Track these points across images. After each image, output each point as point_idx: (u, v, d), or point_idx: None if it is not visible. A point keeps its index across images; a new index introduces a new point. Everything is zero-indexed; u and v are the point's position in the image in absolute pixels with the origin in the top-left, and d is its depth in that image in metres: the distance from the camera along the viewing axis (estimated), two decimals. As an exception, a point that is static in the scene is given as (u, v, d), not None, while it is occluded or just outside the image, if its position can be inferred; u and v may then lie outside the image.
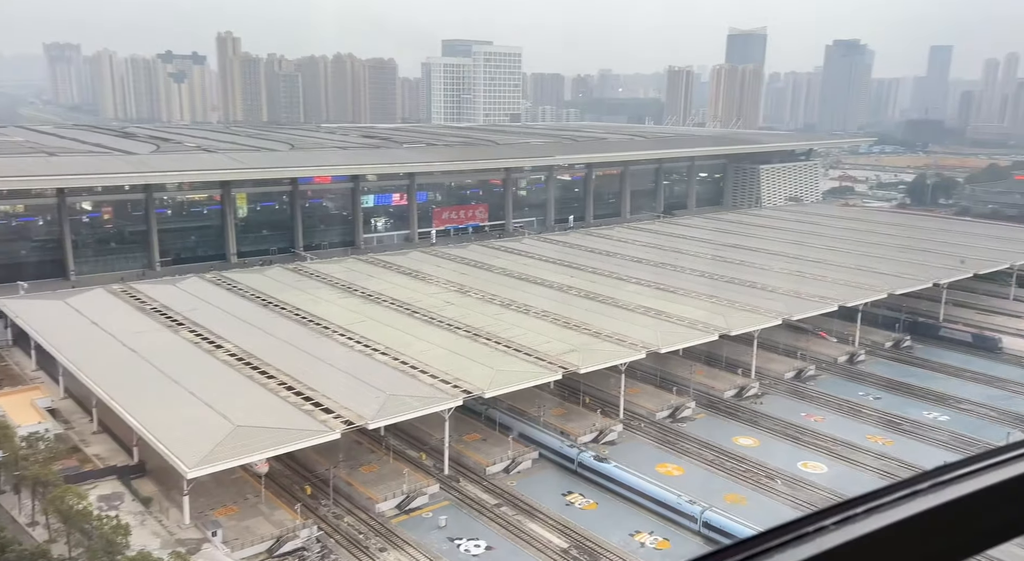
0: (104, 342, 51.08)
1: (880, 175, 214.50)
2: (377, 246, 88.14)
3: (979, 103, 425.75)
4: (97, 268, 72.24)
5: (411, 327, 54.93)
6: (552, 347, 50.80)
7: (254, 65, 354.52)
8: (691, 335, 55.00)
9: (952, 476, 1.84)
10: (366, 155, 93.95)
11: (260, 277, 68.20)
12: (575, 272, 71.66)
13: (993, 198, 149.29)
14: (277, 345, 50.68)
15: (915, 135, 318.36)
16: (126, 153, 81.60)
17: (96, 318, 55.40)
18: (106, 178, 71.65)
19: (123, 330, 52.62)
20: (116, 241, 75.40)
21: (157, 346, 50.07)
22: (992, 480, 1.83)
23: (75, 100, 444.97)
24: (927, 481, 1.82)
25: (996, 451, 1.94)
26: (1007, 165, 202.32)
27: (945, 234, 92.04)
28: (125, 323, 54.71)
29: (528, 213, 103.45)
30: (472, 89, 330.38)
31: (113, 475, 42.19)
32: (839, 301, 63.15)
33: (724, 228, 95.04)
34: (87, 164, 73.61)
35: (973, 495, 1.81)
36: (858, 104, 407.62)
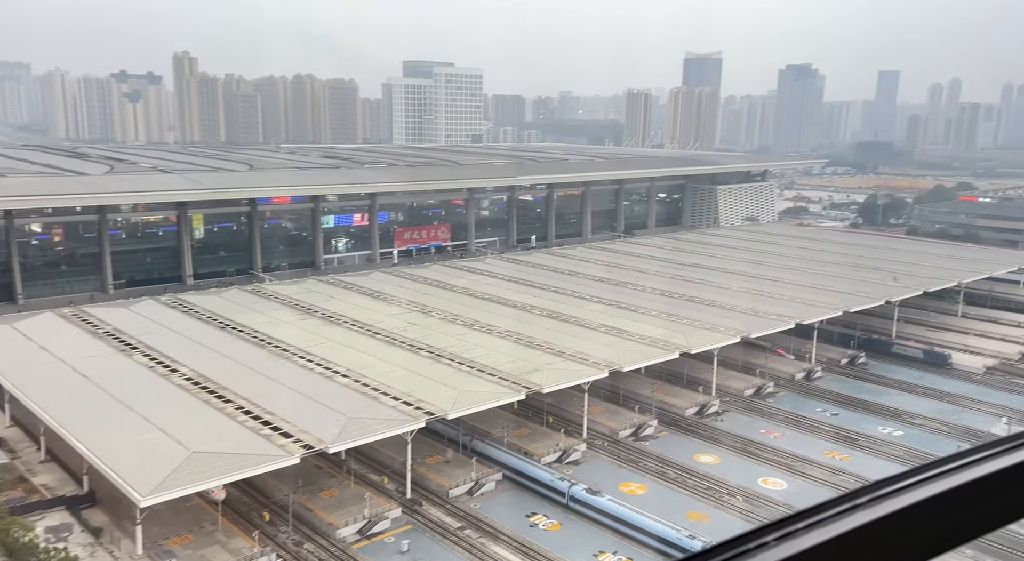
0: (53, 367, 49.49)
1: (833, 195, 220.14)
2: (338, 267, 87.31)
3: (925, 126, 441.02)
4: (47, 292, 70.17)
5: (372, 348, 54.36)
6: (515, 367, 50.71)
7: (212, 85, 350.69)
8: (652, 353, 55.42)
9: (891, 490, 1.86)
10: (326, 175, 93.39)
11: (217, 299, 66.95)
12: (538, 291, 71.84)
13: (940, 218, 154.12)
14: (235, 368, 49.67)
15: (866, 157, 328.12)
16: (78, 174, 79.82)
17: (45, 343, 53.69)
18: (56, 199, 69.81)
19: (73, 355, 51.08)
20: (67, 264, 73.41)
21: (109, 371, 48.68)
22: (928, 493, 1.85)
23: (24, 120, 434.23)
24: (866, 495, 1.84)
25: (933, 464, 1.98)
26: (952, 186, 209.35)
27: (896, 253, 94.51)
28: (75, 348, 53.12)
29: (491, 233, 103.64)
30: (433, 110, 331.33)
31: (62, 505, 40.74)
32: (796, 319, 64.32)
33: (683, 247, 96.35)
34: (36, 185, 71.75)
35: (910, 507, 1.82)
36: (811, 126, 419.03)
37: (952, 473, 1.92)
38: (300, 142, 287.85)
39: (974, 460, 1.98)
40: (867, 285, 75.73)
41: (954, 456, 2.03)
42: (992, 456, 2.01)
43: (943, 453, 2.20)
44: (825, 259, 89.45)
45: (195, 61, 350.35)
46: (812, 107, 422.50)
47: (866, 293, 72.51)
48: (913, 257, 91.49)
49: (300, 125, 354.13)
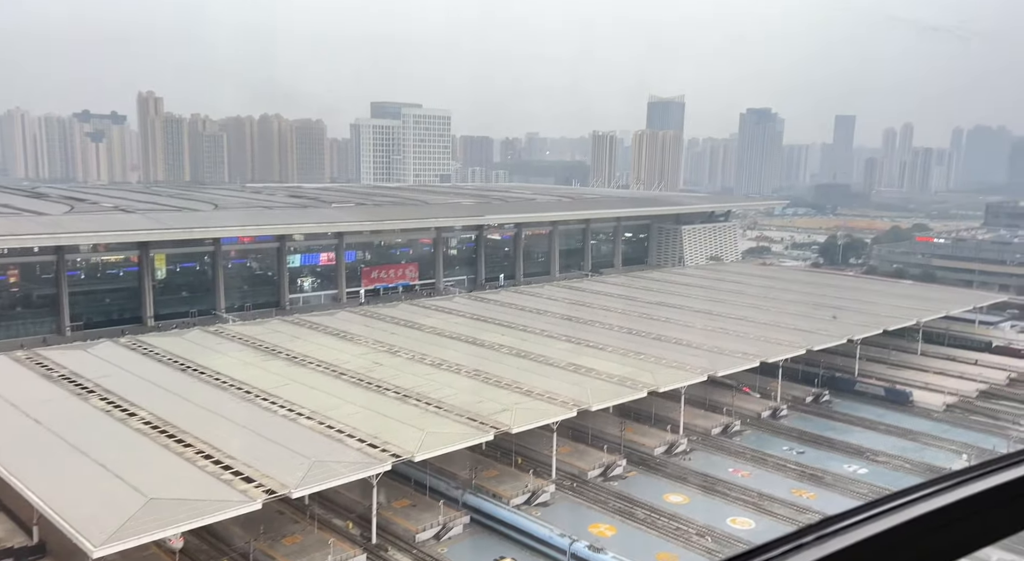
0: (3, 412, 47.79)
1: (794, 236, 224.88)
2: (303, 307, 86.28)
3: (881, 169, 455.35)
4: (1, 334, 68.13)
5: (338, 389, 53.54)
6: (484, 407, 50.28)
7: (177, 125, 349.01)
8: (621, 392, 55.43)
9: (837, 527, 1.89)
10: (293, 214, 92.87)
11: (178, 340, 65.60)
12: (506, 330, 71.70)
13: (897, 258, 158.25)
14: (195, 412, 48.46)
15: (825, 198, 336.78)
16: (36, 214, 78.29)
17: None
18: (13, 239, 68.21)
19: (26, 399, 49.41)
20: (22, 305, 71.49)
21: (63, 416, 47.13)
22: (875, 529, 1.89)
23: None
24: (812, 534, 1.87)
25: (881, 500, 2.01)
26: (908, 227, 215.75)
27: (856, 292, 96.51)
28: (28, 392, 51.43)
29: (459, 272, 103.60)
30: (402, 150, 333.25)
31: (9, 558, 38.98)
32: (761, 357, 65.00)
33: (650, 286, 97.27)
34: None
35: (857, 545, 1.88)
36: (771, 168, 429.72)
37: (900, 509, 1.95)
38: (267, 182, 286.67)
39: (924, 495, 2.02)
40: (829, 323, 77.00)
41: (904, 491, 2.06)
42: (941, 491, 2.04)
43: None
44: (788, 298, 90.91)
45: (160, 101, 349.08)
46: (773, 150, 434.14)
47: (828, 331, 73.69)
48: (873, 296, 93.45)
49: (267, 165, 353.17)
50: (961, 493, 2.05)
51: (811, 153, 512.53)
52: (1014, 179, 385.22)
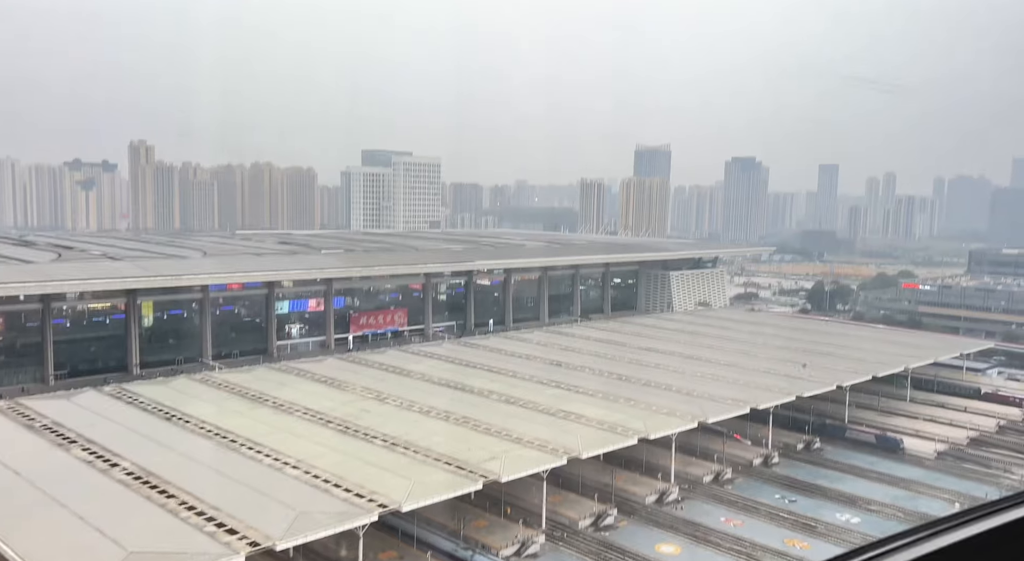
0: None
1: (782, 282, 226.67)
2: (291, 354, 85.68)
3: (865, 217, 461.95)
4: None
5: (325, 438, 52.82)
6: (472, 455, 49.66)
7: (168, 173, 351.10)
8: (611, 439, 54.95)
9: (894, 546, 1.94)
10: (281, 261, 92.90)
11: (164, 389, 64.80)
12: (495, 376, 71.29)
13: (884, 304, 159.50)
14: (179, 461, 47.61)
15: (811, 245, 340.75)
16: (23, 262, 77.95)
17: (-24, 437, 50.92)
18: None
19: (6, 451, 48.42)
20: (6, 354, 70.57)
21: (44, 467, 46.18)
22: (932, 548, 1.94)
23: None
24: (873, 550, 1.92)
25: (875, 544, 2.05)
26: (894, 274, 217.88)
27: (844, 338, 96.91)
28: (9, 443, 50.49)
29: (448, 317, 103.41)
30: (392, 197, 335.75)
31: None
32: (751, 404, 64.79)
33: (639, 332, 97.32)
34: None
35: None
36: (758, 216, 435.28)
37: (895, 552, 1.99)
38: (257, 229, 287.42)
39: (916, 539, 2.05)
40: (818, 370, 77.05)
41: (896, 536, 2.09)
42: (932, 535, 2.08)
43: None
44: (777, 344, 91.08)
45: (152, 149, 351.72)
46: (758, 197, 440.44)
47: (818, 378, 73.68)
48: (861, 342, 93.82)
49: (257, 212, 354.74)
50: (948, 539, 2.09)
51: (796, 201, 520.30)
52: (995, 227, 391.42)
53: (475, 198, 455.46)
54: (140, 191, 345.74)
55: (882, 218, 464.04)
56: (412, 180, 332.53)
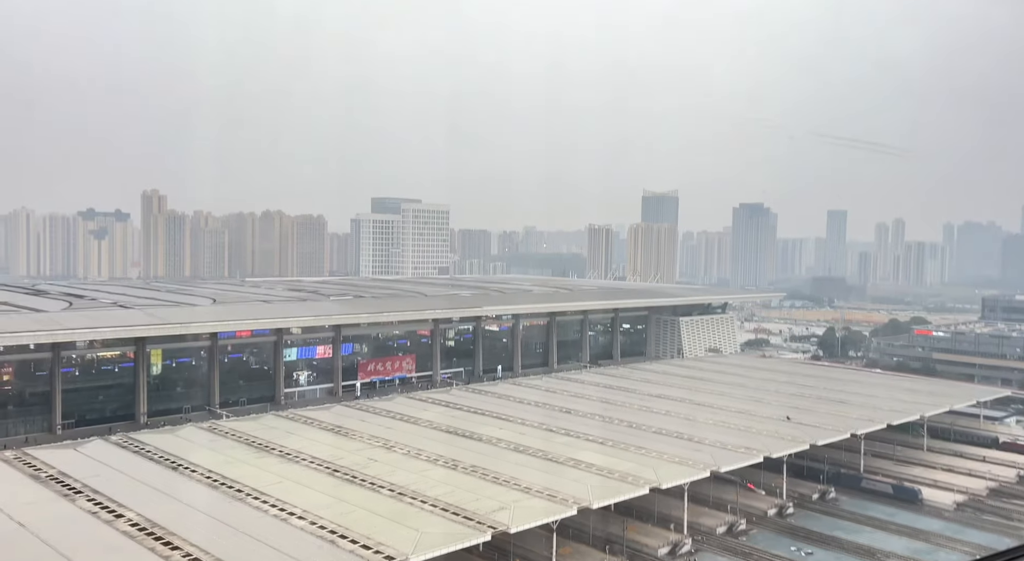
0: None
1: (792, 328, 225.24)
2: (299, 401, 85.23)
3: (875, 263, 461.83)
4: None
5: (331, 487, 52.11)
6: (481, 505, 48.82)
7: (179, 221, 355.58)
8: (622, 489, 53.97)
9: None
10: (290, 308, 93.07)
11: (171, 438, 64.37)
12: (504, 423, 70.55)
13: (897, 351, 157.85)
14: (184, 512, 46.99)
15: (821, 291, 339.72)
16: (35, 311, 78.42)
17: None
18: (9, 337, 68.01)
19: (11, 502, 47.94)
20: (15, 404, 70.46)
21: (48, 518, 45.62)
22: None
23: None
24: None
25: None
26: (906, 320, 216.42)
27: (858, 385, 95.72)
28: (15, 493, 50.00)
29: (456, 363, 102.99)
30: (401, 244, 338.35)
31: None
32: (764, 452, 63.71)
33: (649, 378, 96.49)
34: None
35: None
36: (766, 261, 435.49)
37: None
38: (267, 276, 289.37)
39: None
40: (832, 417, 75.95)
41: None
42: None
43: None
44: (789, 391, 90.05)
45: (164, 198, 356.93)
46: (767, 243, 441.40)
47: (831, 426, 72.55)
48: (874, 389, 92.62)
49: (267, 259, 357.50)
50: None
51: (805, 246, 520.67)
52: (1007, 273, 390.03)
53: (483, 244, 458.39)
54: (152, 239, 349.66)
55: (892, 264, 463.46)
56: (421, 227, 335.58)
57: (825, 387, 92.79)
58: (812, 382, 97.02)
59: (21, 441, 64.81)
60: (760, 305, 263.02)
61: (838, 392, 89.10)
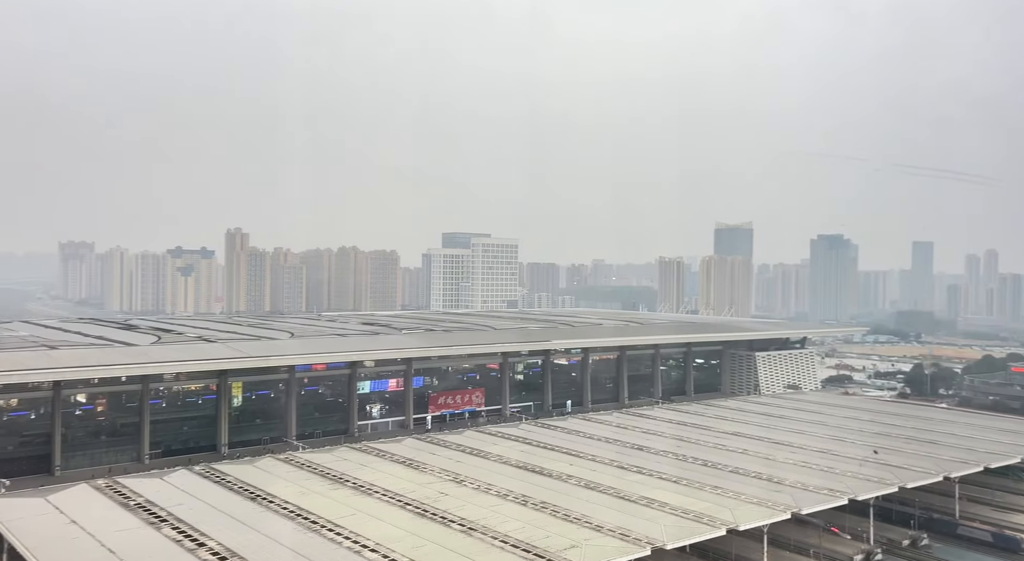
0: (81, 541, 48.40)
1: (877, 364, 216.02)
2: (371, 433, 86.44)
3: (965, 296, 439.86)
4: (84, 462, 70.17)
5: (402, 520, 52.39)
6: (551, 542, 48.15)
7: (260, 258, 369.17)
8: (698, 529, 52.34)
9: None
10: (364, 341, 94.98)
11: (250, 469, 66.14)
12: (574, 459, 69.71)
13: (993, 389, 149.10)
14: (262, 542, 48.03)
15: (907, 325, 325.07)
16: (126, 345, 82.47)
17: (75, 516, 52.89)
18: (103, 370, 71.64)
19: (102, 529, 50.07)
20: (107, 433, 73.91)
21: (136, 545, 47.39)
22: None
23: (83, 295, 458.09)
24: None
25: None
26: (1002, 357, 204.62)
27: (950, 425, 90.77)
28: (106, 521, 52.16)
29: (525, 397, 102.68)
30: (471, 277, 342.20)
31: None
32: (849, 494, 60.82)
33: (724, 415, 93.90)
34: (86, 356, 74.00)
35: None
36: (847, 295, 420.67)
37: None
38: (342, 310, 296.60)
39: None
40: (922, 459, 72.10)
41: None
42: None
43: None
44: (874, 430, 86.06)
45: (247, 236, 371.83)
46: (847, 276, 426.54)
47: (922, 467, 68.83)
48: (969, 430, 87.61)
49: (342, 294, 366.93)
50: None
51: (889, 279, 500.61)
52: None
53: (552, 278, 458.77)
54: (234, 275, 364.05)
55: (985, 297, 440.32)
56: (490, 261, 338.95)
57: (914, 427, 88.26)
58: (899, 421, 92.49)
59: (111, 470, 67.68)
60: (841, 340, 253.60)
61: (928, 432, 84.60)
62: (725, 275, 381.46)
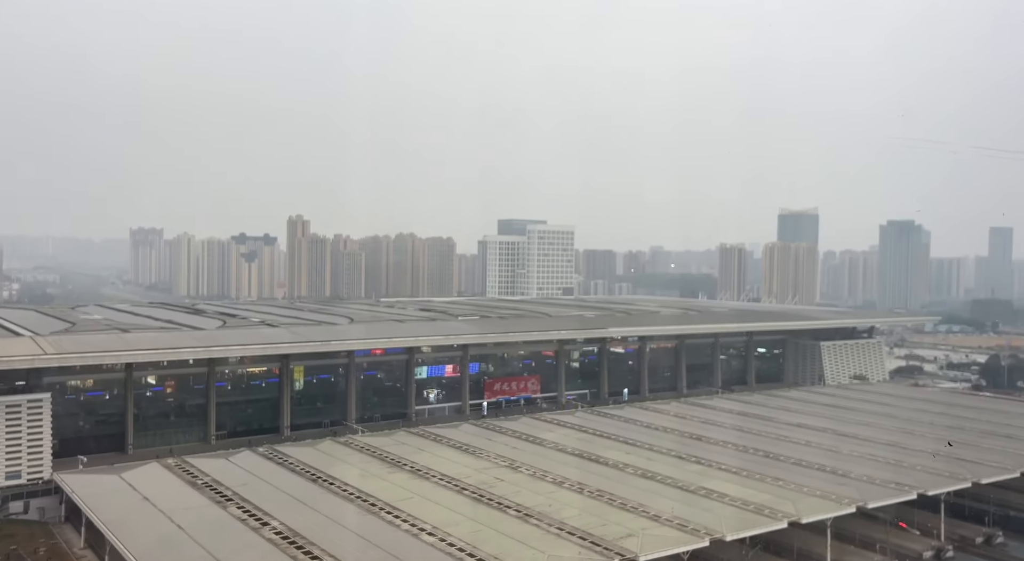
0: (153, 517, 50.36)
1: (949, 355, 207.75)
2: (428, 418, 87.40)
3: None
4: (155, 441, 73.04)
5: (459, 505, 52.81)
6: (608, 530, 47.82)
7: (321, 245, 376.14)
8: (758, 521, 51.23)
9: None
10: (421, 327, 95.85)
11: (311, 451, 67.63)
12: (631, 448, 69.08)
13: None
14: (323, 523, 49.08)
15: (983, 315, 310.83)
16: (194, 328, 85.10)
17: (147, 493, 55.04)
18: (172, 353, 74.10)
19: (172, 506, 51.98)
20: (176, 414, 76.64)
21: (204, 523, 49.04)
22: None
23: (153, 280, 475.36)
24: None
25: None
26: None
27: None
28: (175, 498, 54.16)
29: (581, 385, 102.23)
30: (526, 264, 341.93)
31: None
32: (918, 488, 58.64)
33: (787, 406, 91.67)
34: (156, 339, 76.69)
35: None
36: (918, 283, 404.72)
37: None
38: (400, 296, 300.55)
39: None
40: (998, 454, 69.02)
41: None
42: None
43: None
44: (946, 423, 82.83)
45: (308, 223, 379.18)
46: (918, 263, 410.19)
47: (997, 463, 65.90)
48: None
49: (400, 280, 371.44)
50: None
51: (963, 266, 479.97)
52: None
53: (609, 265, 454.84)
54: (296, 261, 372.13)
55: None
56: (546, 248, 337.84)
57: (989, 420, 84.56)
58: (973, 414, 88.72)
59: (181, 449, 70.16)
60: (911, 330, 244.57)
61: (1005, 426, 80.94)
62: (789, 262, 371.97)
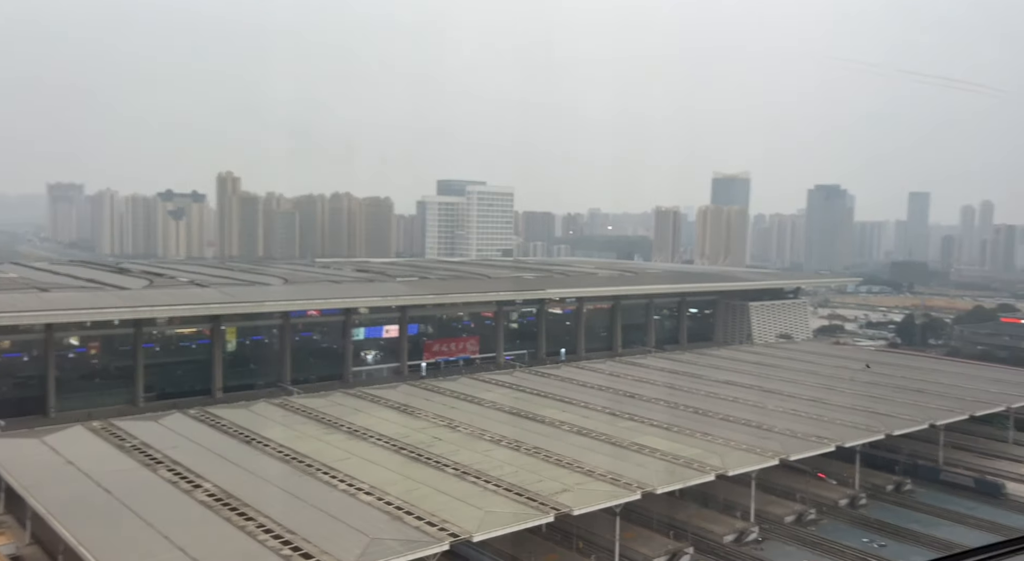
0: (78, 482, 48.90)
1: (869, 314, 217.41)
2: (366, 379, 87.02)
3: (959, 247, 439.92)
4: (79, 404, 70.50)
5: (397, 464, 53.06)
6: (544, 486, 48.94)
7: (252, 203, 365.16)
8: (688, 474, 53.25)
9: None
10: (358, 288, 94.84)
11: (245, 412, 66.63)
12: (567, 406, 70.46)
13: (982, 339, 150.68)
14: (257, 484, 48.62)
15: (901, 276, 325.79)
16: (119, 288, 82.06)
17: (71, 457, 53.34)
18: (95, 313, 71.40)
19: (98, 470, 50.55)
20: (101, 377, 74.13)
21: (133, 486, 47.90)
22: None
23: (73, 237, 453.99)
24: None
25: None
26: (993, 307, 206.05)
27: (938, 374, 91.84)
28: (101, 462, 52.64)
29: (519, 346, 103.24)
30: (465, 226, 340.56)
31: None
32: (836, 441, 61.80)
33: (717, 364, 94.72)
34: (78, 299, 73.69)
35: None
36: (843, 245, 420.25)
37: None
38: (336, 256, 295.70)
39: None
40: (909, 407, 73.09)
41: None
42: None
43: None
44: (864, 379, 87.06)
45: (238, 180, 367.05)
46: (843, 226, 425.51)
47: (909, 416, 69.84)
48: (957, 379, 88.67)
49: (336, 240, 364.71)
50: None
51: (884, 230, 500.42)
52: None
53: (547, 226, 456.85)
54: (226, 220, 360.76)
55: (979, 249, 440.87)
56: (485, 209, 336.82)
57: (903, 376, 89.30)
58: (889, 370, 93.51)
59: (107, 412, 68.11)
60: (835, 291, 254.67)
61: (917, 381, 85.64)
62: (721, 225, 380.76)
